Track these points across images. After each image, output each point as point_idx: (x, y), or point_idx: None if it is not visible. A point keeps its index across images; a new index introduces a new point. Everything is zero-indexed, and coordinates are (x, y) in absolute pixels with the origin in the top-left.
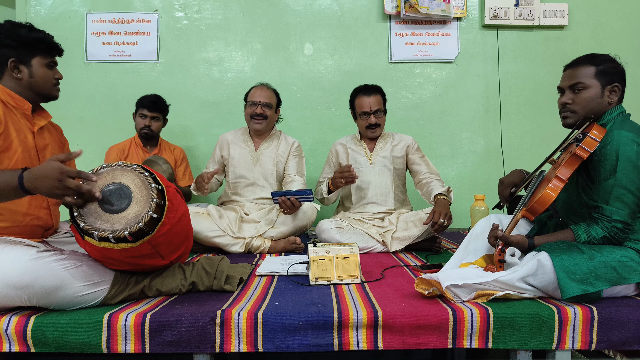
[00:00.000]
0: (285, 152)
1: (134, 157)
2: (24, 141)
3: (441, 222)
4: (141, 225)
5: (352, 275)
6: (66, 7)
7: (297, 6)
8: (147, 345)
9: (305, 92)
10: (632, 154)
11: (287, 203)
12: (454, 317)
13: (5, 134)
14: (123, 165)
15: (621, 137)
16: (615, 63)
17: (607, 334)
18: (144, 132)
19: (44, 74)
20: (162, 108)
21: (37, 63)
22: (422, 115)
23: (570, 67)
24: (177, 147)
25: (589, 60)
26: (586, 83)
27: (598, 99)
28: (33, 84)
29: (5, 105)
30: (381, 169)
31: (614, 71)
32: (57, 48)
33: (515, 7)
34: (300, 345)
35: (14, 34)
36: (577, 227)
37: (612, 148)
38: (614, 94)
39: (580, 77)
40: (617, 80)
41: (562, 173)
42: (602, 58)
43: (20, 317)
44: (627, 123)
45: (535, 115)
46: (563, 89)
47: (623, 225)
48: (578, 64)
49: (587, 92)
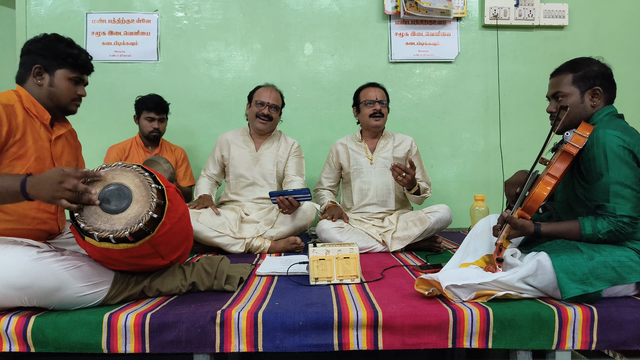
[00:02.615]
0: (285, 153)
1: (135, 157)
2: (40, 149)
3: (400, 169)
4: (141, 225)
5: (352, 275)
6: (66, 7)
7: (297, 6)
8: (147, 345)
9: (305, 92)
10: (619, 150)
11: (285, 203)
12: (454, 317)
13: (22, 141)
14: (123, 166)
15: (606, 135)
16: (597, 66)
17: (607, 334)
18: (153, 135)
19: (65, 87)
20: (166, 108)
21: (62, 75)
22: (422, 115)
23: (552, 76)
24: (178, 148)
25: (568, 67)
26: (565, 91)
27: (580, 105)
28: (52, 94)
29: (27, 113)
30: (382, 170)
31: (593, 74)
32: (87, 66)
33: (515, 7)
34: (300, 345)
35: (52, 47)
36: (584, 220)
37: (598, 147)
38: (596, 97)
39: (559, 85)
40: (597, 83)
41: (554, 170)
42: (582, 63)
43: (20, 317)
44: (613, 122)
45: (535, 115)
46: (549, 98)
47: (629, 220)
48: (558, 72)
49: (567, 100)
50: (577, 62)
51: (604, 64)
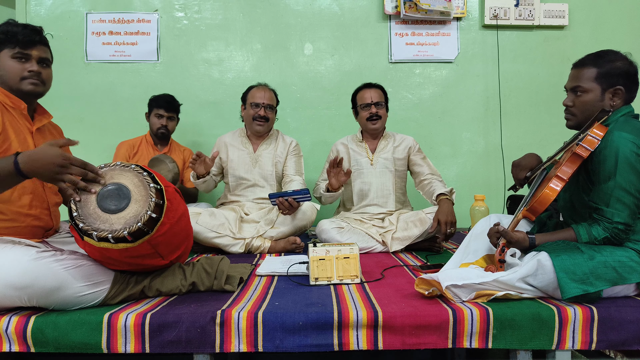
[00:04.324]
0: (284, 152)
1: (144, 155)
2: (23, 142)
3: (449, 233)
4: (140, 225)
5: (352, 275)
6: (66, 7)
7: (297, 6)
8: (147, 345)
9: (305, 92)
10: (631, 156)
11: (285, 204)
12: (454, 317)
13: (4, 135)
14: (122, 165)
15: (621, 138)
16: (622, 62)
17: (607, 334)
18: (160, 132)
19: (10, 67)
20: (177, 107)
21: (5, 55)
22: (422, 115)
23: (575, 67)
24: (187, 149)
25: (593, 61)
26: (585, 87)
27: (598, 103)
28: (2, 78)
29: (3, 106)
30: (382, 170)
31: (617, 72)
32: (25, 41)
33: (515, 7)
34: (300, 345)
35: None
36: (579, 227)
37: (611, 150)
38: (617, 96)
39: (580, 80)
40: (620, 82)
41: (562, 172)
42: (607, 59)
43: (20, 317)
44: (629, 124)
45: (535, 115)
46: (567, 90)
47: (624, 227)
48: (582, 65)
49: (587, 96)
50: (603, 56)
51: (631, 61)
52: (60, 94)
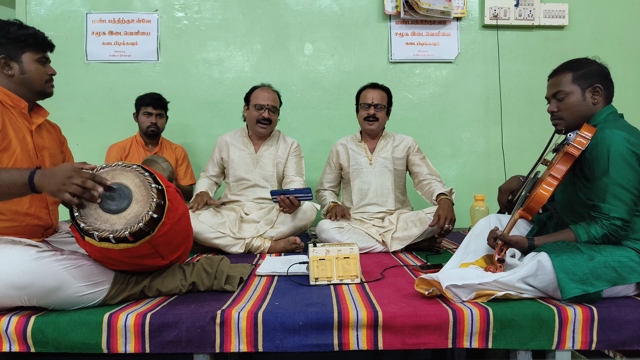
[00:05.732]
0: (285, 153)
1: (135, 156)
2: (22, 140)
3: (447, 228)
4: (141, 225)
5: (352, 275)
6: (66, 7)
7: (297, 6)
8: (147, 345)
9: (305, 92)
10: (625, 152)
11: (286, 202)
12: (454, 317)
13: (4, 133)
14: (123, 166)
15: (613, 135)
16: (594, 65)
17: (607, 334)
18: (150, 130)
19: (35, 70)
20: (164, 104)
21: (28, 59)
22: (422, 115)
23: (551, 76)
24: (179, 146)
25: (567, 67)
26: (566, 90)
27: (582, 102)
28: (25, 81)
29: (3, 105)
30: (381, 170)
31: (592, 73)
32: (47, 43)
33: (515, 7)
34: (300, 345)
35: (2, 31)
36: (577, 227)
37: (603, 147)
38: (597, 94)
39: (560, 85)
40: (597, 81)
41: (556, 171)
42: (579, 63)
43: (20, 317)
44: (619, 122)
45: (536, 115)
46: (549, 99)
47: (622, 223)
48: (557, 72)
49: (570, 98)
50: (575, 61)
51: (601, 63)
52: (60, 94)
